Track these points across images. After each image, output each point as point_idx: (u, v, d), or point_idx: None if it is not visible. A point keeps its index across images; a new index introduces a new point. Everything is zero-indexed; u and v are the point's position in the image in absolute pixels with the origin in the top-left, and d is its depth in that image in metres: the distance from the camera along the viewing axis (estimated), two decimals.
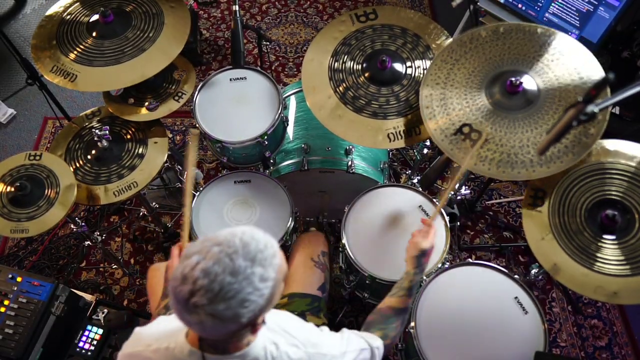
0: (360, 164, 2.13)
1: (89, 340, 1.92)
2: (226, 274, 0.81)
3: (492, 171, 1.49)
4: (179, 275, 0.83)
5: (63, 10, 1.92)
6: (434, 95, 1.60)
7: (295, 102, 2.32)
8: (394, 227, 1.85)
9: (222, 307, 0.81)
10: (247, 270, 0.82)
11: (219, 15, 3.55)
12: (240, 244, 0.84)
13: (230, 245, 0.83)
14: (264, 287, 0.84)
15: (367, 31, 1.88)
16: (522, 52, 1.60)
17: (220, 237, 0.86)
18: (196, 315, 0.82)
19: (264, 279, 0.84)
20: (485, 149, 1.50)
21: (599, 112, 1.15)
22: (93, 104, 3.11)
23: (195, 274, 0.81)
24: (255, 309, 0.85)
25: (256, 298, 0.84)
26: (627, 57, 2.63)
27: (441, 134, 1.54)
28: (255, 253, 0.84)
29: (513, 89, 1.53)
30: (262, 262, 0.84)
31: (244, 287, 0.82)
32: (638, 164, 1.52)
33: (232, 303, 0.82)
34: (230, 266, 0.81)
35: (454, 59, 1.63)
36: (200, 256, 0.83)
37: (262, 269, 0.84)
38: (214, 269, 0.81)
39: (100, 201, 1.86)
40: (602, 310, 2.42)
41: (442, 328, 1.62)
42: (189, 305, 0.82)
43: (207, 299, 0.81)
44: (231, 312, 0.82)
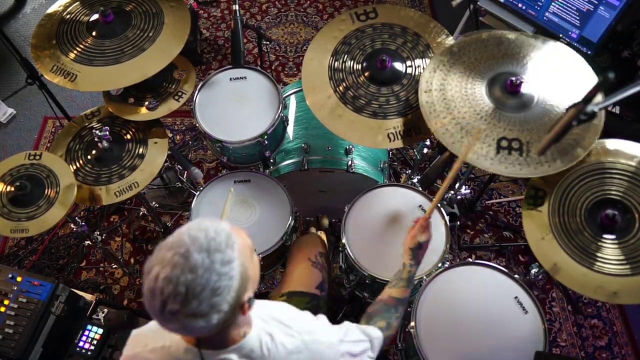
0: (360, 164, 2.13)
1: (89, 340, 1.92)
2: (186, 273, 0.82)
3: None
4: (147, 292, 0.84)
5: (63, 9, 1.92)
6: (434, 96, 1.60)
7: (295, 101, 2.32)
8: (394, 226, 1.85)
9: (195, 304, 0.82)
10: (204, 262, 0.83)
11: (219, 14, 3.55)
12: (189, 241, 0.84)
13: (180, 245, 0.84)
14: (229, 270, 0.85)
15: (367, 30, 1.88)
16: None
17: (169, 240, 0.87)
18: (177, 321, 0.84)
19: (226, 262, 0.85)
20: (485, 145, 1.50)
21: (599, 111, 1.15)
22: (93, 104, 3.11)
23: (159, 284, 0.82)
24: (230, 292, 0.85)
25: (226, 282, 0.84)
26: (627, 57, 2.63)
27: (445, 133, 1.54)
28: (207, 243, 0.84)
29: (513, 88, 1.53)
30: (218, 248, 0.85)
31: (208, 278, 0.82)
32: (638, 164, 1.51)
33: (204, 296, 0.82)
34: (187, 265, 0.82)
35: (451, 62, 1.64)
36: (158, 266, 0.84)
37: (220, 254, 0.84)
38: (173, 273, 0.82)
39: (102, 202, 1.86)
40: (602, 310, 2.42)
41: (442, 328, 1.62)
42: (166, 315, 0.83)
43: (179, 303, 0.82)
44: (207, 305, 0.83)
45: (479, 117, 1.54)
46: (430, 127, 1.55)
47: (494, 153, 1.49)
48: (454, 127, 1.53)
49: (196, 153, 2.92)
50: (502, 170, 1.48)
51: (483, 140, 1.50)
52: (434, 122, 1.55)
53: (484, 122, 1.52)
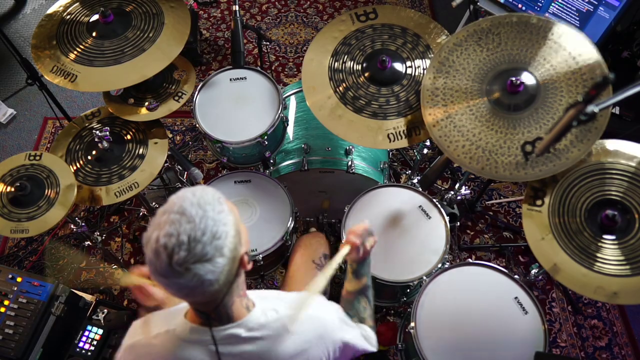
0: (360, 164, 2.14)
1: (89, 341, 1.92)
2: (184, 224, 0.86)
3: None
4: (151, 256, 0.87)
5: (63, 10, 1.92)
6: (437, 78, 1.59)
7: (295, 102, 2.32)
8: (394, 227, 1.85)
9: (200, 248, 0.85)
10: (199, 212, 0.87)
11: (219, 15, 3.55)
12: (179, 200, 0.89)
13: (172, 206, 0.89)
14: (223, 217, 0.89)
15: (367, 31, 1.88)
16: (517, 47, 1.59)
17: (160, 209, 0.91)
18: (187, 272, 0.86)
19: (219, 211, 0.89)
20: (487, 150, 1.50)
21: (599, 112, 1.15)
22: (93, 104, 3.12)
23: (162, 242, 0.85)
24: (229, 236, 0.89)
25: (222, 227, 0.88)
26: (627, 57, 2.63)
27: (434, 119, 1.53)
28: (197, 199, 0.89)
29: (513, 88, 1.53)
30: (208, 201, 0.90)
31: (205, 224, 0.87)
32: (638, 164, 1.52)
33: (206, 239, 0.86)
34: (183, 218, 0.86)
35: (451, 62, 1.63)
36: (156, 230, 0.87)
37: (211, 205, 0.89)
38: (172, 229, 0.85)
39: (102, 202, 1.86)
40: (602, 310, 2.42)
41: (442, 328, 1.62)
42: (175, 269, 0.85)
43: (185, 250, 0.85)
44: (211, 248, 0.86)
45: (494, 132, 1.52)
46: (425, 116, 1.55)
47: (524, 161, 1.47)
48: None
49: (196, 153, 2.92)
50: (539, 174, 1.47)
51: (506, 156, 1.49)
52: (429, 113, 1.54)
53: (501, 134, 1.51)
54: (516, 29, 1.60)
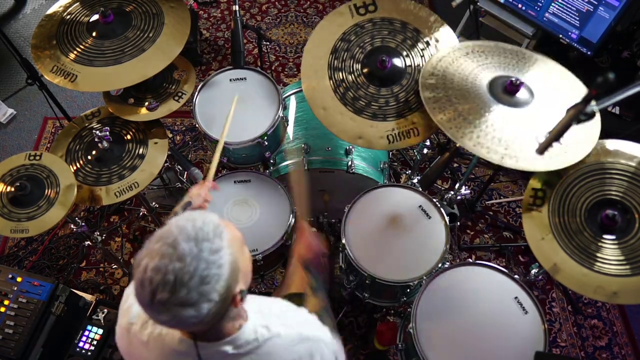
0: (360, 164, 2.13)
1: (89, 340, 1.92)
2: (174, 262, 0.82)
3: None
4: (137, 284, 0.85)
5: (63, 10, 1.92)
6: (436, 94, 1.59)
7: (295, 102, 2.32)
8: (394, 227, 1.85)
9: (184, 292, 0.82)
10: (192, 250, 0.83)
11: (219, 15, 3.55)
12: (177, 231, 0.85)
13: (168, 236, 0.85)
14: (218, 258, 0.85)
15: (367, 25, 1.86)
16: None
17: (157, 233, 0.87)
18: (167, 311, 0.83)
19: (214, 250, 0.85)
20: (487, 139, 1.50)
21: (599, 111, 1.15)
22: (93, 104, 3.11)
23: (148, 275, 0.83)
24: (220, 280, 0.85)
25: (215, 270, 0.84)
26: (627, 57, 2.63)
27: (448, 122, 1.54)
28: (195, 232, 0.85)
29: (514, 88, 1.53)
30: (206, 237, 0.85)
31: (196, 266, 0.83)
32: (638, 164, 1.52)
33: (192, 284, 0.82)
34: (174, 254, 0.83)
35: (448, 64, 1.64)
36: (147, 258, 0.84)
37: (209, 242, 0.85)
38: (162, 263, 0.82)
39: (102, 202, 1.86)
40: (602, 310, 2.42)
41: (442, 328, 1.62)
42: (156, 305, 0.83)
43: (168, 292, 0.82)
44: (196, 293, 0.83)
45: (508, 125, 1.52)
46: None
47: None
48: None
49: (196, 153, 2.92)
50: (558, 165, 1.47)
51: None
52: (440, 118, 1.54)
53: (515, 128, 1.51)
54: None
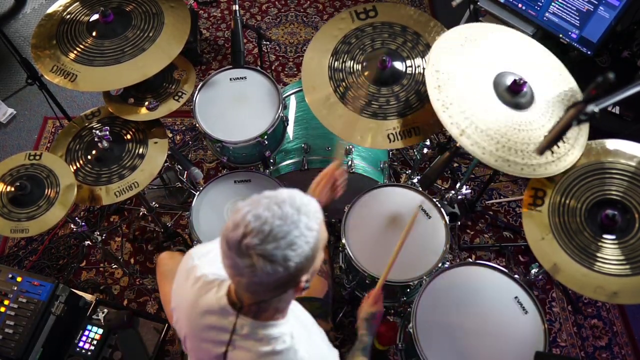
0: (360, 164, 2.13)
1: (89, 340, 1.92)
2: (275, 217, 0.88)
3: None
4: (230, 224, 0.91)
5: (63, 9, 1.92)
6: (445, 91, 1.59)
7: (295, 101, 2.32)
8: (394, 227, 1.85)
9: (272, 246, 0.87)
10: (294, 216, 0.90)
11: (219, 15, 3.55)
12: (287, 196, 0.92)
13: (278, 196, 0.92)
14: (309, 235, 0.91)
15: (367, 29, 1.88)
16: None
17: (267, 192, 0.94)
18: (248, 257, 0.88)
19: (309, 227, 0.91)
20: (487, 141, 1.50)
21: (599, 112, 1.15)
22: (93, 104, 3.11)
23: (247, 218, 0.89)
24: (302, 255, 0.90)
25: (303, 243, 0.90)
26: (627, 57, 2.63)
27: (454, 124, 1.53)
28: (300, 204, 0.92)
29: (517, 87, 1.53)
30: (307, 213, 0.92)
31: (291, 229, 0.89)
32: (638, 164, 1.52)
33: (282, 244, 0.88)
34: (278, 212, 0.89)
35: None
36: (250, 206, 0.91)
37: (307, 218, 0.91)
38: (264, 214, 0.89)
39: (102, 202, 1.86)
40: (602, 310, 2.42)
41: (442, 328, 1.62)
42: (242, 247, 0.88)
43: (259, 239, 0.87)
44: (281, 253, 0.88)
45: (515, 130, 1.52)
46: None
47: (550, 153, 1.48)
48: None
49: (196, 153, 2.92)
50: (567, 164, 1.48)
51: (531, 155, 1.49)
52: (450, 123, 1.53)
53: (516, 129, 1.51)
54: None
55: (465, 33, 1.65)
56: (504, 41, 1.67)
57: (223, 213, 1.95)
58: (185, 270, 1.18)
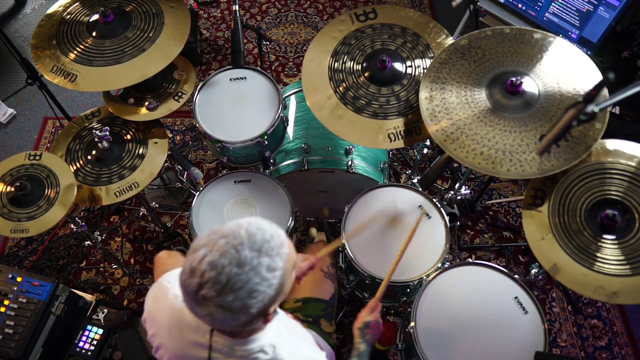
0: (360, 164, 2.14)
1: (89, 340, 1.92)
2: (233, 265, 0.82)
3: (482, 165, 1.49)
4: (187, 269, 0.85)
5: (63, 9, 1.92)
6: (434, 96, 1.60)
7: (295, 102, 2.32)
8: (394, 227, 1.85)
9: (230, 298, 0.82)
10: (253, 260, 0.83)
11: (219, 15, 3.55)
12: (245, 235, 0.85)
13: (236, 237, 0.84)
14: (272, 277, 0.85)
15: (367, 30, 1.88)
16: (523, 54, 1.61)
17: (226, 229, 0.87)
18: (206, 307, 0.84)
19: (272, 269, 0.85)
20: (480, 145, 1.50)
21: (599, 112, 1.15)
22: (93, 104, 3.12)
23: (203, 266, 0.82)
24: (264, 299, 0.85)
25: (265, 288, 0.84)
26: (627, 57, 2.63)
27: (442, 134, 1.54)
28: (261, 243, 0.85)
29: (513, 88, 1.53)
30: (269, 252, 0.85)
31: (251, 277, 0.83)
32: (638, 164, 1.52)
33: (240, 294, 0.82)
34: (236, 257, 0.82)
35: (454, 60, 1.64)
36: (206, 249, 0.84)
37: (269, 259, 0.85)
38: (220, 261, 0.82)
39: (102, 202, 1.86)
40: (602, 310, 2.42)
41: (442, 328, 1.62)
42: (198, 298, 0.83)
43: (215, 291, 0.82)
44: (239, 303, 0.83)
45: (508, 132, 1.52)
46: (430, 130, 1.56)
47: (547, 153, 1.47)
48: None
49: (196, 153, 2.92)
50: (563, 164, 1.46)
51: (528, 153, 1.49)
52: (435, 130, 1.55)
53: (516, 134, 1.50)
54: (494, 40, 1.64)
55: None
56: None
57: (223, 213, 1.96)
58: (156, 296, 1.14)
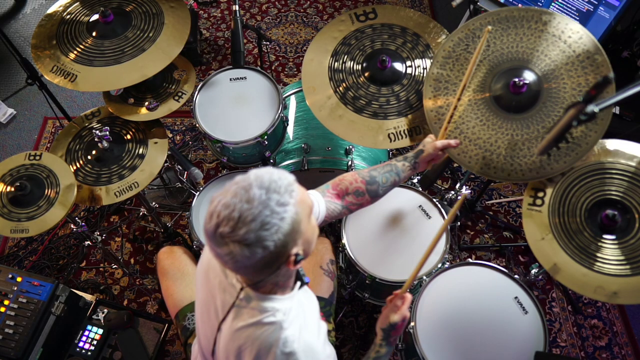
0: (361, 164, 2.14)
1: (89, 340, 1.92)
2: (243, 202, 0.90)
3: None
4: (207, 216, 0.94)
5: (63, 9, 1.92)
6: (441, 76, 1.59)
7: (295, 102, 2.32)
8: (394, 227, 1.85)
9: (243, 231, 0.89)
10: (262, 196, 0.91)
11: (219, 15, 3.55)
12: (253, 178, 0.93)
13: (245, 180, 0.94)
14: (282, 211, 0.92)
15: (367, 30, 1.88)
16: (508, 43, 1.58)
17: (237, 177, 0.96)
18: (225, 246, 0.91)
19: (281, 203, 0.92)
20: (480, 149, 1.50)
21: (599, 112, 1.15)
22: (93, 104, 3.11)
23: (218, 208, 0.92)
24: (279, 232, 0.92)
25: (277, 221, 0.91)
26: (627, 57, 2.63)
27: (435, 115, 1.54)
28: (269, 183, 0.93)
29: (516, 89, 1.52)
30: (277, 190, 0.92)
31: (260, 210, 0.90)
32: (638, 164, 1.52)
33: (253, 226, 0.89)
34: (245, 196, 0.91)
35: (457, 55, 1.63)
36: (221, 195, 0.93)
37: (278, 195, 0.92)
38: (232, 200, 0.91)
39: (102, 202, 1.86)
40: (602, 310, 2.42)
41: (442, 328, 1.62)
42: (217, 237, 0.91)
43: (230, 227, 0.90)
44: (254, 235, 0.90)
45: (510, 136, 1.52)
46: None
47: (546, 156, 1.48)
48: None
49: (196, 153, 2.92)
50: (563, 166, 1.48)
51: (528, 157, 1.49)
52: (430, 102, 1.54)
53: (518, 137, 1.50)
54: (502, 26, 1.59)
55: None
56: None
57: None
58: (201, 259, 1.25)
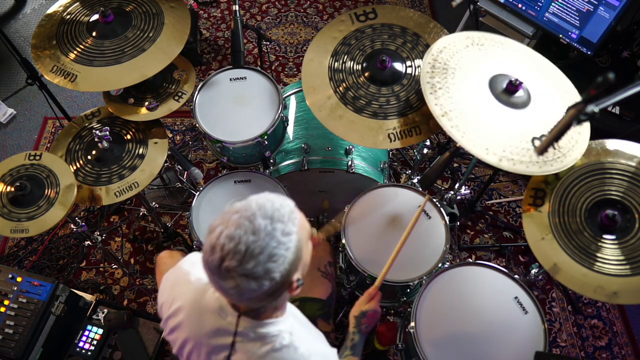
0: (360, 164, 2.13)
1: (89, 340, 1.92)
2: (248, 234, 0.87)
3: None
4: (207, 248, 0.90)
5: (63, 9, 1.92)
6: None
7: (295, 102, 2.32)
8: (394, 227, 1.85)
9: (251, 264, 0.87)
10: (267, 227, 0.88)
11: (219, 15, 3.55)
12: (256, 207, 0.90)
13: (247, 209, 0.90)
14: (287, 241, 0.90)
15: (367, 30, 1.88)
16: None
17: (237, 206, 0.92)
18: (231, 279, 0.88)
19: (286, 233, 0.90)
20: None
21: (599, 112, 1.15)
22: (93, 104, 3.12)
23: (221, 241, 0.87)
24: (285, 262, 0.90)
25: (283, 252, 0.89)
26: (627, 57, 2.63)
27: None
28: (272, 212, 0.90)
29: (513, 88, 1.53)
30: (281, 219, 0.90)
31: (267, 242, 0.87)
32: (638, 164, 1.52)
33: (261, 259, 0.87)
34: (250, 227, 0.87)
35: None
36: (222, 226, 0.89)
37: (282, 224, 0.90)
38: (236, 232, 0.87)
39: (102, 202, 1.86)
40: (602, 310, 2.42)
41: (442, 328, 1.62)
42: (222, 271, 0.88)
43: (237, 261, 0.86)
44: (262, 268, 0.87)
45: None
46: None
47: (536, 155, 1.46)
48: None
49: (196, 153, 2.92)
50: (551, 169, 1.46)
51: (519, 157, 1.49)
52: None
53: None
54: None
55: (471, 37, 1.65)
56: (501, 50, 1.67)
57: None
58: (176, 281, 1.17)
